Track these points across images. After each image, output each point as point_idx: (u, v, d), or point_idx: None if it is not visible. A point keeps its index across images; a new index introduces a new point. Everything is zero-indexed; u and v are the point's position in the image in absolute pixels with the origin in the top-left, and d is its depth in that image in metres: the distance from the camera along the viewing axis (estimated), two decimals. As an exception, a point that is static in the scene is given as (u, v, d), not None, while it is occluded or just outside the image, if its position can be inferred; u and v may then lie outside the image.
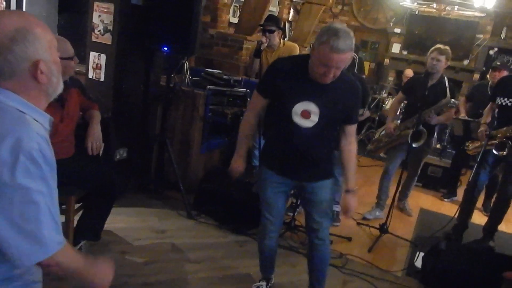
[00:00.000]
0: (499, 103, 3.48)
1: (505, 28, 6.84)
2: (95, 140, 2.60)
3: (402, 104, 4.37)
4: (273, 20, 3.95)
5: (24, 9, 3.68)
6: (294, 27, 7.45)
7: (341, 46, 1.86)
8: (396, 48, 7.66)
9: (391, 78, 7.71)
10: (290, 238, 3.36)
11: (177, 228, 3.30)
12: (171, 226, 3.32)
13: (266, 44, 3.82)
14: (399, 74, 7.44)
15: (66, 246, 1.12)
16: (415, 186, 4.85)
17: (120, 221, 3.23)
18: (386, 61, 7.76)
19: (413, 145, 3.64)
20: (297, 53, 4.01)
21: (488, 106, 3.77)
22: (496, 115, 3.67)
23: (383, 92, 6.81)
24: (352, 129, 2.26)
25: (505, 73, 4.49)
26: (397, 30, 7.63)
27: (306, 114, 2.06)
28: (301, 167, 2.18)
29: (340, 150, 2.29)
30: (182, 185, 3.51)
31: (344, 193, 2.29)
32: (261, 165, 2.33)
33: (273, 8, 6.78)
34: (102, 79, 3.28)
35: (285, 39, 7.09)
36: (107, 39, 3.20)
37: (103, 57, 3.23)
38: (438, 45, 3.75)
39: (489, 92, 4.47)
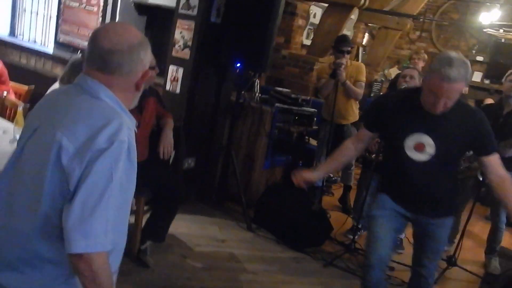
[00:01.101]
0: None
1: None
2: (167, 145, 2.77)
3: None
4: (347, 40, 3.94)
5: (116, 23, 4.05)
6: (368, 52, 7.39)
7: (452, 75, 1.78)
8: (477, 76, 7.28)
9: (469, 108, 7.33)
10: (348, 260, 3.28)
11: (237, 239, 3.37)
12: (231, 236, 3.40)
13: (345, 65, 3.72)
14: (479, 103, 7.04)
15: (106, 254, 1.09)
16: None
17: (183, 226, 3.37)
18: (465, 89, 7.39)
19: (481, 178, 3.39)
20: (364, 71, 3.98)
21: None
22: None
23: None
24: (493, 160, 2.02)
25: None
26: (480, 58, 7.26)
27: (420, 147, 1.98)
28: (418, 202, 2.09)
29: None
30: (243, 198, 3.59)
31: None
32: (380, 189, 2.28)
33: (348, 32, 6.78)
34: (177, 91, 3.49)
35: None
36: (185, 54, 3.41)
37: (180, 70, 3.45)
38: None
39: None
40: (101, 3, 4.23)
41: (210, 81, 3.61)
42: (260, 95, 4.05)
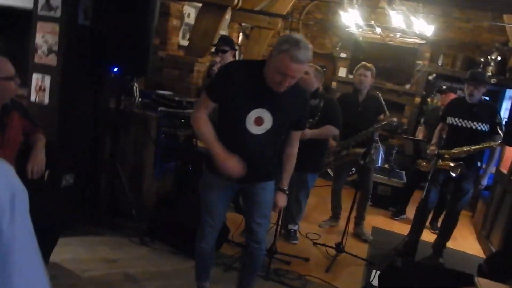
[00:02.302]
0: (450, 122, 3.67)
1: (442, 56, 7.30)
2: (37, 163, 2.43)
3: None
4: (226, 41, 3.97)
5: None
6: (243, 51, 7.54)
7: (301, 57, 1.91)
8: (342, 72, 7.93)
9: (338, 101, 7.95)
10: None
11: (130, 257, 3.13)
12: (124, 254, 3.14)
13: (219, 64, 3.78)
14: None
15: None
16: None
17: (68, 252, 3.02)
18: (334, 84, 8.01)
19: (362, 162, 3.74)
20: None
21: (439, 126, 3.96)
22: (445, 135, 3.85)
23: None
24: (298, 134, 2.33)
25: (452, 95, 4.78)
26: (343, 55, 7.91)
27: (259, 121, 2.07)
28: (250, 170, 2.14)
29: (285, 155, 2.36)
30: (134, 211, 3.36)
31: (276, 191, 2.34)
32: (206, 168, 2.30)
33: (223, 32, 6.82)
34: (46, 102, 3.10)
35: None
36: (51, 60, 3.04)
37: (47, 78, 3.07)
38: (363, 63, 3.98)
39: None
40: None
41: (84, 88, 3.28)
42: (140, 100, 3.83)
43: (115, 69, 3.14)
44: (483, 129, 3.51)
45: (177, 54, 5.54)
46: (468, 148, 3.50)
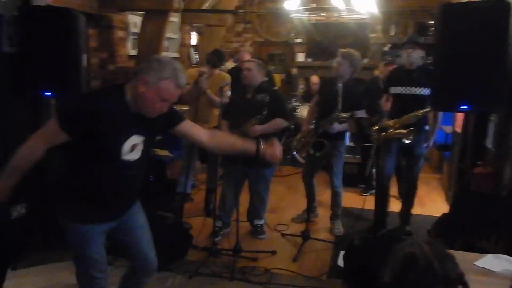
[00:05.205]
0: (393, 92, 3.71)
1: (393, 26, 7.36)
2: None
3: None
4: (214, 53, 4.49)
5: None
6: (199, 51, 7.49)
7: (183, 82, 1.90)
8: (301, 57, 7.93)
9: (301, 86, 7.96)
10: (213, 263, 3.29)
11: (92, 278, 3.10)
12: (86, 277, 3.11)
13: (207, 75, 4.18)
14: (308, 81, 7.70)
15: None
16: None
17: (27, 283, 2.98)
18: (294, 70, 8.02)
19: (316, 154, 3.74)
20: (226, 79, 4.16)
21: (383, 98, 3.97)
22: (391, 105, 3.86)
23: (293, 101, 7.01)
24: (188, 124, 2.17)
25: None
26: (299, 40, 7.92)
27: (133, 147, 1.93)
28: (126, 200, 2.03)
29: None
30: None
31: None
32: (74, 221, 1.98)
33: (175, 35, 6.78)
34: (-18, 135, 3.04)
35: (192, 64, 7.12)
36: (-19, 92, 2.98)
37: (-20, 111, 3.01)
38: (342, 50, 3.80)
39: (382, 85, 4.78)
40: None
41: (22, 115, 3.22)
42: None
43: (47, 94, 3.08)
44: (425, 93, 3.52)
45: (127, 65, 5.47)
46: (416, 113, 3.52)
